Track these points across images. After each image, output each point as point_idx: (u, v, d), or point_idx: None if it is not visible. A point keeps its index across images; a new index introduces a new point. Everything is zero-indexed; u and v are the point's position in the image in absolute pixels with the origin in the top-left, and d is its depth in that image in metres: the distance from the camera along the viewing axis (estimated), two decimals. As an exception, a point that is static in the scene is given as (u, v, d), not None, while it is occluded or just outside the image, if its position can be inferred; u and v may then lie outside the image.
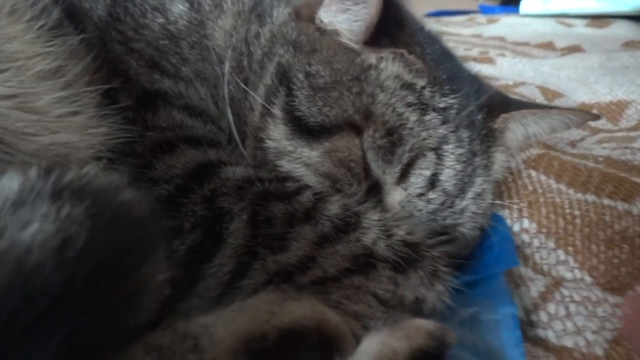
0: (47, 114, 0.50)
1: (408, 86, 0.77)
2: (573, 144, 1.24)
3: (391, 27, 0.79)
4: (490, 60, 1.92)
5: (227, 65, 0.79)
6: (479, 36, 2.55)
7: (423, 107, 0.76)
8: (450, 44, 2.58)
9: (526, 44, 2.30)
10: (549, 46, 2.25)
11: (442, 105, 0.78)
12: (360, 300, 0.64)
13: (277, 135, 0.76)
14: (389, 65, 0.78)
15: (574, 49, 2.14)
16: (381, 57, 0.78)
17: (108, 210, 0.37)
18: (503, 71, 1.82)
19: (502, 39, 2.44)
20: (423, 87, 0.78)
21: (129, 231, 0.40)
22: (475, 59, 1.92)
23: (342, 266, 0.64)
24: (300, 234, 0.65)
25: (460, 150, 0.78)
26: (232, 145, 0.77)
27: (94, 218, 0.35)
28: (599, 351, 0.72)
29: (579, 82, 1.67)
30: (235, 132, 0.77)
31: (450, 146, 0.77)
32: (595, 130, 1.34)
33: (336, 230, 0.66)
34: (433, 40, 0.89)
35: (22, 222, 0.34)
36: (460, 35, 2.60)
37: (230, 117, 0.77)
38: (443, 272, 0.69)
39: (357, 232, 0.67)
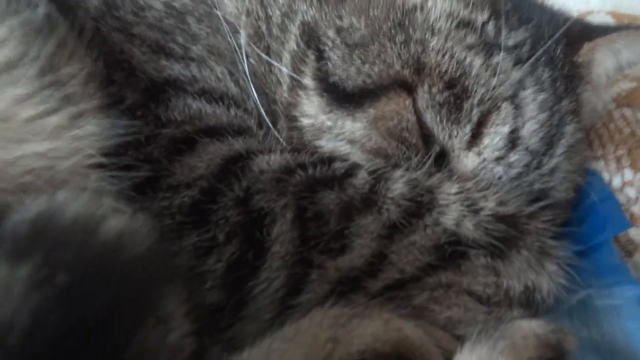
0: (9, 119, 0.39)
1: (466, 24, 0.63)
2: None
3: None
4: (546, -6, 1.69)
5: (242, 35, 0.66)
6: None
7: (488, 48, 0.62)
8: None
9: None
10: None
11: (511, 42, 0.64)
12: (454, 302, 0.51)
13: (312, 109, 0.63)
14: (438, 2, 0.64)
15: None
16: None
17: (72, 262, 0.25)
18: (563, 1, 1.59)
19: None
20: (485, 23, 0.64)
21: (111, 285, 0.28)
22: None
23: (422, 261, 0.51)
24: (362, 227, 0.52)
25: (542, 95, 0.64)
26: (263, 129, 0.65)
27: (45, 284, 0.23)
28: None
29: (658, 0, 1.43)
30: (263, 112, 0.65)
31: (528, 91, 0.63)
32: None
33: (406, 215, 0.53)
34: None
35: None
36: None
37: (255, 95, 0.65)
38: (553, 247, 0.55)
39: (434, 212, 0.53)
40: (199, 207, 0.53)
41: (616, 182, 0.78)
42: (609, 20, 1.37)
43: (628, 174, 0.78)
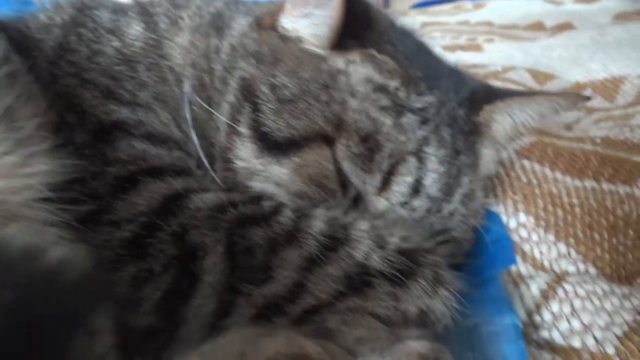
0: None
1: (380, 88, 0.73)
2: (569, 127, 1.19)
3: (359, 28, 0.75)
4: (477, 48, 1.87)
5: (186, 85, 0.75)
6: (466, 23, 2.50)
7: (398, 109, 0.72)
8: (436, 34, 2.52)
9: (515, 26, 2.25)
10: (538, 27, 2.20)
11: (419, 105, 0.74)
12: (360, 323, 0.59)
13: (246, 154, 0.71)
14: (358, 68, 0.73)
15: (564, 27, 2.09)
16: (349, 60, 0.74)
17: (17, 284, 0.32)
18: (491, 57, 1.77)
19: (489, 23, 2.38)
20: (397, 88, 0.73)
21: (50, 303, 0.35)
22: (462, 47, 1.88)
23: (335, 290, 0.59)
24: (285, 260, 0.60)
25: (442, 151, 0.74)
26: (202, 170, 0.73)
27: None
28: (610, 349, 0.67)
29: (572, 61, 1.63)
30: (202, 155, 0.73)
31: (431, 148, 0.73)
32: (591, 110, 1.30)
33: (323, 250, 0.61)
34: (406, 36, 0.84)
35: None
36: (448, 24, 2.55)
37: (196, 140, 0.73)
38: (447, 276, 0.65)
39: (347, 247, 0.62)
40: (138, 241, 0.59)
41: (512, 223, 0.89)
42: (527, 76, 1.55)
43: (522, 217, 0.89)
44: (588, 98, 0.88)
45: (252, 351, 0.48)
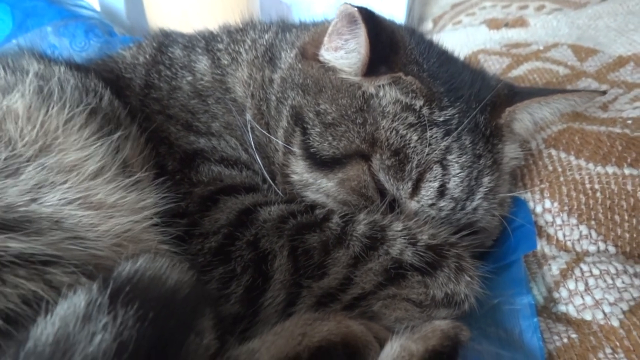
0: (103, 204, 0.62)
1: (407, 108, 0.84)
2: (605, 107, 1.24)
3: (387, 54, 0.86)
4: (523, 23, 1.89)
5: (248, 115, 0.91)
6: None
7: (423, 125, 0.83)
8: (487, 3, 2.49)
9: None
10: (591, -12, 2.14)
11: (442, 119, 0.85)
12: (398, 307, 0.74)
13: (299, 169, 0.86)
14: (387, 92, 0.85)
15: (617, -12, 2.03)
16: (379, 86, 0.85)
17: (154, 305, 0.48)
18: (536, 33, 1.79)
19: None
20: (422, 106, 0.84)
21: (173, 316, 0.50)
22: (507, 24, 1.90)
23: (376, 281, 0.73)
24: (336, 259, 0.73)
25: (463, 158, 0.85)
26: (267, 184, 0.89)
27: (141, 319, 0.46)
28: (615, 322, 0.78)
29: (618, 31, 1.62)
30: (265, 173, 0.88)
31: (453, 156, 0.84)
32: (631, 86, 1.32)
33: (366, 249, 0.74)
34: (430, 52, 0.94)
35: (90, 335, 0.43)
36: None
37: (259, 160, 0.88)
38: (468, 264, 0.78)
39: (385, 245, 0.75)
40: (222, 249, 0.74)
41: (539, 209, 1.00)
42: (569, 53, 1.58)
43: (547, 203, 0.99)
44: (604, 93, 0.95)
45: (311, 332, 0.66)
